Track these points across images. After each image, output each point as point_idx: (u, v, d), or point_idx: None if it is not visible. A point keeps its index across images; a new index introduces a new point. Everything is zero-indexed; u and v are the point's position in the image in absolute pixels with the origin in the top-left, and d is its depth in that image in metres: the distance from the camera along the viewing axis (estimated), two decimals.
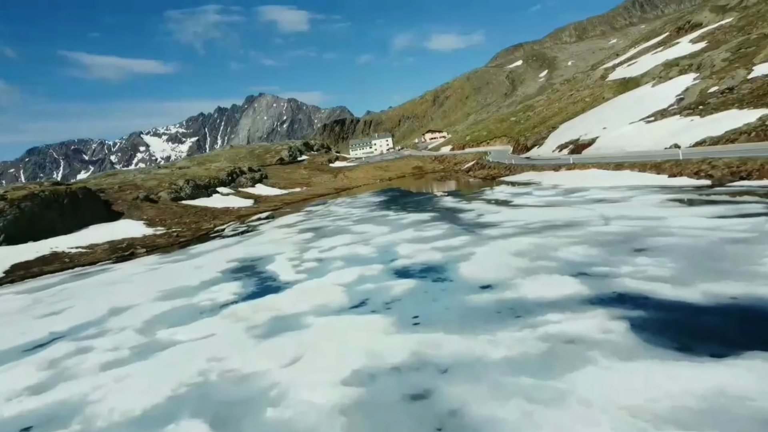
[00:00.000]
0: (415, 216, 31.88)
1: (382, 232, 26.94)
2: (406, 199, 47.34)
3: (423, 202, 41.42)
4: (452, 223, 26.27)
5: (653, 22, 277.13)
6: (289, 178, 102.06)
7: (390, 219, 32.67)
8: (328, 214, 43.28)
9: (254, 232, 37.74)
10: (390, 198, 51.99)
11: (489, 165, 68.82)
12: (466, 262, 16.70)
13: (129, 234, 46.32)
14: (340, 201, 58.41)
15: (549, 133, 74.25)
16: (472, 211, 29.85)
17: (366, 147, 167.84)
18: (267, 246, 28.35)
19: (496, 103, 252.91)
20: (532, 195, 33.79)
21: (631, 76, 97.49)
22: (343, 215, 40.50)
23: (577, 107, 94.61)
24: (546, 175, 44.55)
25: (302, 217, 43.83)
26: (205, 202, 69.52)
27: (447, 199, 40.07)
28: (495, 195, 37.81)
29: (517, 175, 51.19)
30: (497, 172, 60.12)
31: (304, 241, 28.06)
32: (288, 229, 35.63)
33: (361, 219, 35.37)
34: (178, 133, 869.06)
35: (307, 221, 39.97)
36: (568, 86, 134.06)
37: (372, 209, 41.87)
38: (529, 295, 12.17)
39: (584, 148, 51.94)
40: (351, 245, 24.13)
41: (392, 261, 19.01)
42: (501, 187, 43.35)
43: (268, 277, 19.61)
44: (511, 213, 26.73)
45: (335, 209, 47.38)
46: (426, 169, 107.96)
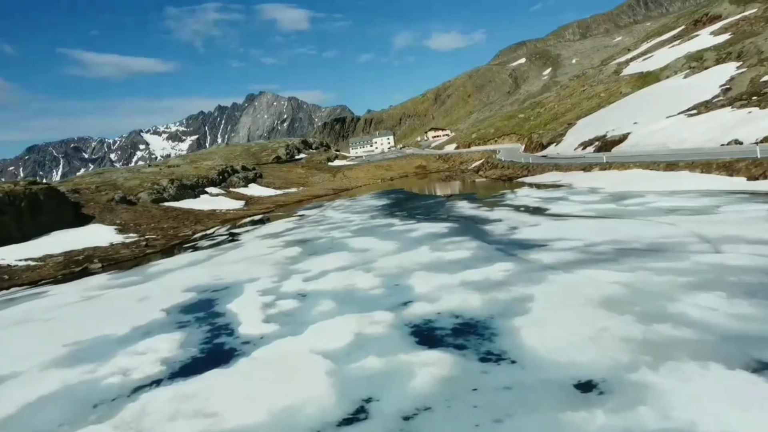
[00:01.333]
0: (427, 227, 25.67)
1: (387, 251, 20.72)
2: (412, 203, 41.15)
3: (434, 208, 35.21)
4: (480, 240, 20.07)
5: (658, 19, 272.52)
6: (285, 178, 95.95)
7: (396, 230, 26.46)
8: (322, 221, 37.11)
9: (233, 243, 31.52)
10: (394, 201, 45.80)
11: (501, 164, 62.61)
12: (527, 318, 10.49)
13: (94, 242, 40.13)
14: (338, 204, 52.22)
15: (566, 129, 68.09)
16: (500, 222, 23.66)
17: (366, 145, 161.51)
18: (240, 266, 22.13)
19: (498, 102, 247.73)
20: (570, 201, 27.59)
21: (649, 70, 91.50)
22: (339, 222, 34.34)
23: (591, 103, 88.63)
24: (575, 176, 38.40)
25: (293, 224, 37.63)
26: (191, 204, 63.42)
27: (463, 204, 33.86)
28: (520, 200, 31.63)
29: (539, 176, 45.04)
30: (513, 172, 53.95)
31: (287, 261, 21.84)
32: (273, 241, 29.42)
33: (360, 229, 29.18)
34: (178, 132, 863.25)
35: (297, 229, 33.78)
36: (578, 82, 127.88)
37: (373, 215, 35.72)
38: (697, 424, 5.97)
39: (614, 145, 45.78)
40: (347, 271, 17.91)
41: (405, 305, 12.78)
42: (524, 190, 37.17)
43: (223, 327, 13.38)
44: (556, 226, 20.53)
45: (331, 214, 41.20)
46: (430, 168, 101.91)
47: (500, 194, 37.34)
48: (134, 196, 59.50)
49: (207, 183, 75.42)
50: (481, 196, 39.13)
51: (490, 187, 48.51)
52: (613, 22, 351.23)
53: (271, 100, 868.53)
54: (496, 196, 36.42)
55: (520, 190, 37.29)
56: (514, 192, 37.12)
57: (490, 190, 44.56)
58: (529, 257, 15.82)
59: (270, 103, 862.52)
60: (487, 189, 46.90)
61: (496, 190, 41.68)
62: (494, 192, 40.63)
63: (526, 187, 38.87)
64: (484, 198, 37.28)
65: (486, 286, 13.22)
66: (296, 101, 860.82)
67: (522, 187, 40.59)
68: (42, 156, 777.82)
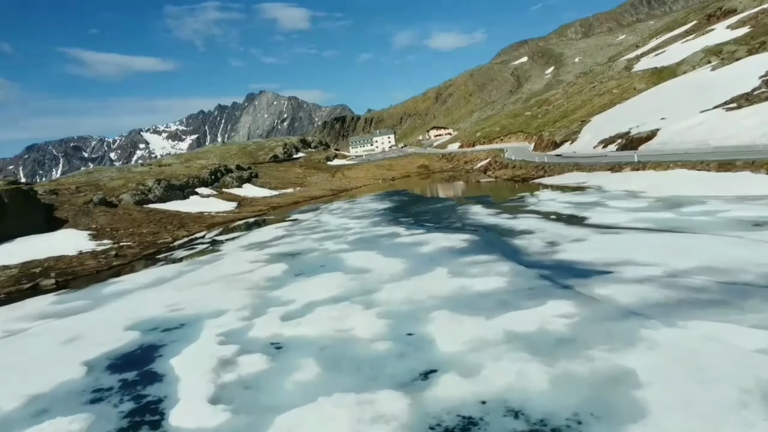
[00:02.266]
0: (440, 238, 21.16)
1: (393, 273, 16.19)
2: (418, 207, 36.64)
3: (444, 213, 30.67)
4: (512, 260, 15.57)
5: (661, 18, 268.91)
6: (281, 178, 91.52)
7: (402, 242, 21.95)
8: (317, 227, 32.61)
9: (211, 255, 26.96)
10: (397, 204, 41.30)
11: (512, 163, 58.07)
12: (645, 427, 6.00)
13: (61, 250, 35.65)
14: (336, 206, 47.70)
15: (581, 127, 63.57)
16: (531, 235, 19.13)
17: (367, 144, 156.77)
18: (209, 290, 17.61)
19: (500, 101, 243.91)
20: (609, 207, 23.06)
21: (664, 65, 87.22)
22: (335, 230, 29.83)
23: (603, 99, 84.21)
24: (603, 177, 33.90)
25: (283, 231, 33.10)
26: (178, 206, 58.98)
27: (478, 210, 29.32)
28: (546, 205, 27.10)
29: (558, 177, 40.53)
30: (526, 172, 49.43)
31: (266, 284, 17.29)
32: (256, 253, 24.87)
33: (360, 239, 24.66)
34: (178, 131, 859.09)
35: (287, 238, 29.25)
36: (587, 79, 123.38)
37: (375, 221, 31.23)
38: None
39: (641, 143, 41.27)
40: (340, 305, 13.37)
41: (426, 379, 8.25)
42: (546, 193, 32.66)
43: (150, 407, 8.86)
44: (609, 242, 15.99)
45: (327, 219, 36.67)
46: (433, 168, 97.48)
47: (519, 198, 32.81)
48: (116, 198, 55.05)
49: (198, 183, 71.01)
50: (498, 200, 34.58)
51: (503, 189, 43.99)
52: (616, 21, 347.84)
53: (271, 99, 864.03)
54: (515, 200, 31.89)
55: (542, 194, 32.80)
56: (534, 195, 32.61)
57: (505, 193, 40.06)
58: (594, 292, 11.30)
59: (270, 103, 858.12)
60: (500, 191, 42.39)
61: (513, 193, 37.18)
62: (511, 195, 36.15)
63: (548, 190, 34.37)
64: (502, 202, 32.75)
65: (547, 347, 8.70)
66: (296, 100, 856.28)
67: (542, 189, 36.09)
68: (42, 155, 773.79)
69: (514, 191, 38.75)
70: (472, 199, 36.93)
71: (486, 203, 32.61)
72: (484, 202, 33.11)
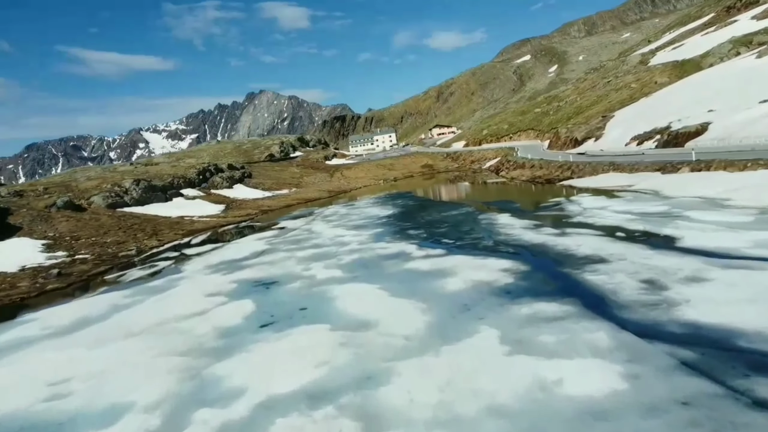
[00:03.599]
0: (469, 264, 15.12)
1: (409, 336, 10.09)
2: (429, 214, 30.52)
3: (463, 223, 24.56)
4: (602, 317, 9.49)
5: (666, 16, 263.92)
6: (276, 178, 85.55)
7: (416, 270, 15.87)
8: (305, 240, 26.52)
9: (165, 280, 20.82)
10: (403, 210, 35.19)
11: (529, 163, 51.96)
12: None
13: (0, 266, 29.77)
14: (332, 211, 41.59)
15: (603, 122, 57.46)
16: (606, 265, 13.05)
17: (367, 143, 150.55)
18: (125, 355, 11.53)
19: (503, 99, 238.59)
20: (694, 220, 16.95)
21: (686, 58, 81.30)
22: (328, 244, 23.78)
23: (622, 94, 78.31)
24: (652, 180, 27.84)
25: (264, 244, 26.98)
26: (157, 209, 53.07)
27: (506, 220, 23.21)
28: (596, 215, 21.00)
29: (592, 179, 34.47)
30: (548, 172, 43.33)
31: (212, 348, 11.17)
32: (221, 280, 18.80)
33: (357, 262, 18.60)
34: (178, 130, 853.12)
35: (266, 256, 23.16)
36: (599, 75, 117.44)
37: (377, 233, 25.19)
38: None
39: (688, 139, 35.17)
40: (319, 413, 7.37)
41: None
42: (586, 199, 26.51)
43: None
44: (754, 285, 9.97)
45: (320, 228, 30.55)
46: (438, 168, 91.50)
47: (554, 204, 26.68)
48: (85, 200, 49.13)
49: (184, 184, 65.11)
50: (527, 207, 28.42)
51: (526, 192, 37.89)
52: (619, 19, 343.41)
53: (272, 98, 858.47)
54: (550, 207, 25.76)
55: (581, 199, 26.67)
56: (572, 201, 26.51)
57: (531, 197, 34.00)
58: None
59: (270, 102, 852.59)
60: (525, 195, 36.31)
61: (542, 198, 31.13)
62: (540, 200, 30.08)
63: (587, 195, 28.23)
64: (534, 210, 26.56)
65: None
66: (296, 100, 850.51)
67: (576, 193, 29.97)
68: (41, 154, 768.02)
69: (543, 195, 32.70)
70: (494, 204, 30.81)
71: (514, 211, 26.46)
72: (510, 210, 26.96)
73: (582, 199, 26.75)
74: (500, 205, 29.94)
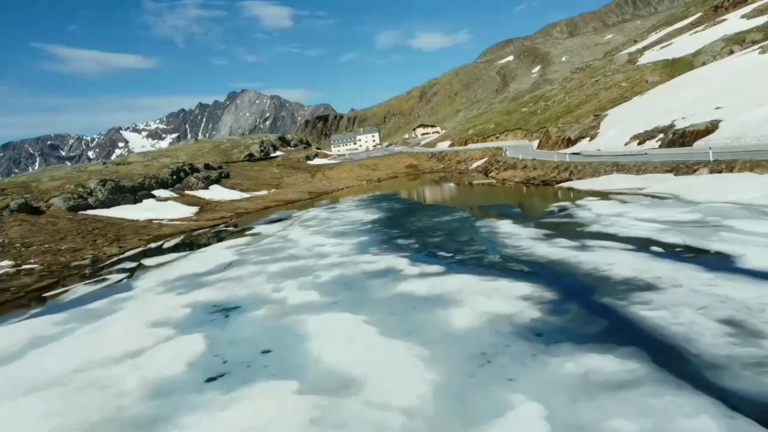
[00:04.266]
0: (476, 287, 12.08)
1: (410, 410, 7.04)
2: (419, 219, 27.41)
3: (460, 232, 21.51)
4: (703, 389, 6.54)
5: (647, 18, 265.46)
6: (255, 178, 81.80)
7: (412, 295, 12.74)
8: (279, 249, 23.25)
9: (108, 301, 17.35)
10: (389, 214, 32.07)
11: (521, 163, 49.21)
12: None
13: None
14: (312, 215, 38.29)
15: (597, 121, 55.05)
16: (657, 293, 10.13)
17: (350, 143, 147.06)
18: (13, 422, 8.31)
19: (486, 99, 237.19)
20: (743, 232, 14.14)
21: (675, 56, 79.77)
22: (305, 256, 20.57)
23: (612, 93, 76.29)
24: (667, 182, 25.16)
25: (233, 254, 23.62)
26: (125, 212, 49.28)
27: (509, 228, 20.23)
28: (614, 223, 18.14)
29: (593, 180, 31.73)
30: (544, 174, 40.57)
31: (137, 420, 8.04)
32: (173, 302, 15.47)
33: (338, 281, 15.44)
34: (158, 129, 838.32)
35: (232, 270, 19.86)
36: (585, 74, 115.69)
37: (361, 242, 22.05)
38: None
39: (698, 138, 32.67)
40: None
41: None
42: (597, 204, 23.67)
43: None
44: None
45: (297, 236, 27.26)
46: (423, 168, 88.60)
47: (558, 209, 23.81)
48: (44, 203, 45.19)
49: (156, 184, 61.22)
50: (528, 212, 25.50)
51: (522, 194, 35.05)
52: (601, 21, 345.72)
53: (254, 98, 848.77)
54: (557, 214, 22.85)
55: (589, 203, 23.83)
56: (578, 205, 23.67)
57: (529, 200, 31.18)
58: None
59: (252, 102, 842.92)
60: (521, 198, 33.42)
61: (543, 201, 28.29)
62: (541, 204, 27.24)
63: (593, 199, 25.38)
64: (538, 216, 23.56)
65: None
66: (279, 99, 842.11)
67: (580, 196, 27.13)
68: (18, 153, 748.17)
69: (543, 199, 29.85)
70: (491, 209, 27.82)
71: (515, 217, 23.50)
72: (511, 215, 23.98)
73: (590, 203, 23.89)
74: (498, 209, 26.96)
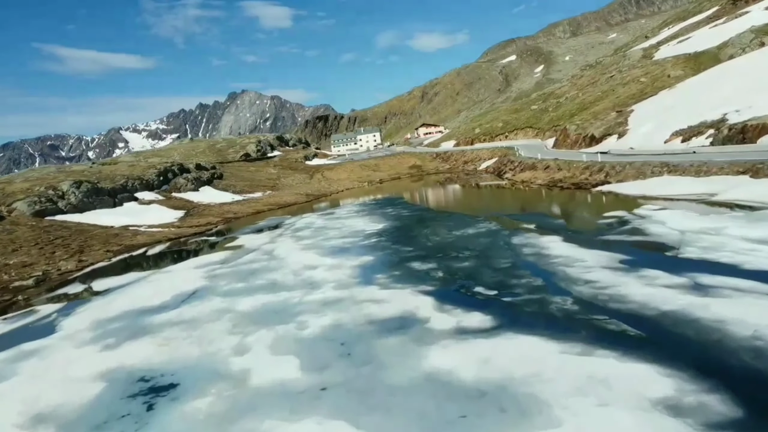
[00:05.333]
0: (566, 378, 7.04)
1: None
2: (433, 232, 22.16)
3: (491, 252, 16.24)
4: None
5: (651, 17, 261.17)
6: (250, 179, 76.43)
7: (448, 381, 7.62)
8: (261, 271, 18.08)
9: (3, 354, 12.32)
10: (397, 224, 26.86)
11: (542, 164, 43.89)
12: None
13: None
14: (306, 222, 33.10)
15: (623, 117, 49.83)
16: None
17: (350, 142, 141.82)
18: None
19: (489, 99, 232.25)
20: None
21: (699, 50, 74.45)
22: (290, 283, 15.37)
23: (631, 89, 70.98)
24: (747, 186, 20.00)
25: (201, 279, 18.40)
26: (101, 217, 44.17)
27: (561, 249, 14.96)
28: (721, 245, 12.96)
29: (638, 183, 26.54)
30: (571, 175, 35.39)
31: None
32: (93, 363, 10.38)
33: (331, 335, 10.26)
34: (159, 130, 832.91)
35: (193, 303, 14.68)
36: (597, 70, 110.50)
37: (364, 265, 16.83)
38: None
39: (763, 133, 27.46)
40: None
41: None
42: (666, 215, 18.43)
43: None
44: None
45: (285, 251, 22.05)
46: (427, 169, 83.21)
47: (616, 221, 18.59)
48: (5, 207, 40.11)
49: (141, 186, 56.08)
50: (578, 225, 20.24)
51: (554, 200, 29.74)
52: (604, 20, 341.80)
53: (254, 98, 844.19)
54: (616, 227, 17.62)
55: (656, 214, 18.64)
56: (639, 216, 18.49)
57: (567, 207, 25.86)
58: None
59: (252, 102, 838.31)
60: (556, 204, 28.06)
61: (587, 209, 23.12)
62: (586, 212, 22.07)
63: (657, 208, 20.17)
64: (592, 230, 18.25)
65: None
66: (279, 100, 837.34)
67: (635, 204, 21.92)
68: (17, 153, 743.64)
69: (585, 206, 24.68)
70: (524, 218, 22.57)
71: (561, 231, 18.26)
72: (555, 228, 18.77)
73: (656, 213, 18.69)
74: (533, 219, 21.74)
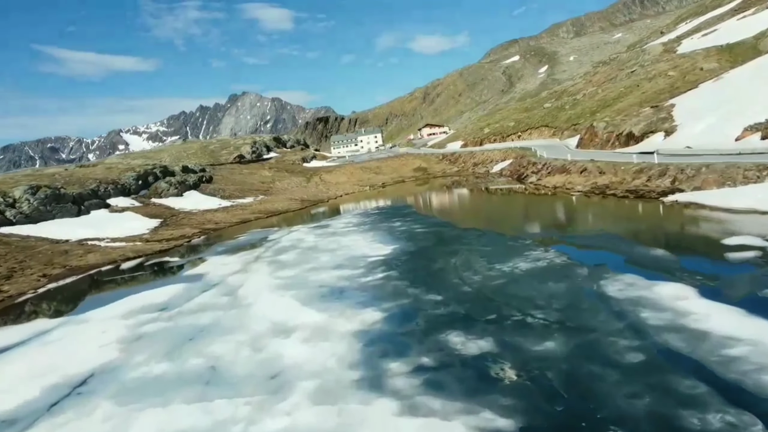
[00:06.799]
0: None
1: None
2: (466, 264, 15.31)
3: (576, 310, 9.66)
4: None
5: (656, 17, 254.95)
6: (242, 183, 69.47)
7: None
8: (204, 337, 11.44)
9: None
10: (410, 247, 20.12)
11: (574, 166, 37.12)
12: None
13: None
14: (293, 241, 26.35)
15: (665, 113, 43.22)
16: None
17: (351, 144, 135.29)
18: None
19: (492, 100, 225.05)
20: None
21: (730, 42, 68.17)
22: (240, 376, 8.84)
23: (658, 83, 64.41)
24: None
25: (112, 346, 11.77)
26: (54, 228, 37.67)
27: (715, 320, 8.58)
28: None
29: (728, 192, 20.10)
30: (620, 180, 28.75)
31: None
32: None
33: None
34: (159, 132, 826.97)
35: (63, 411, 8.22)
36: (611, 67, 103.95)
37: (369, 331, 10.24)
38: None
39: None
40: None
41: None
42: None
43: None
44: None
45: (255, 288, 15.39)
46: (433, 171, 76.34)
47: (747, 251, 12.01)
48: None
49: (116, 191, 49.44)
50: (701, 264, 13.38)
51: (618, 213, 23.06)
52: (608, 20, 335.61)
53: (254, 100, 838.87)
54: (755, 264, 11.06)
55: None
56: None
57: (651, 228, 19.14)
58: None
59: (253, 104, 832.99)
60: (624, 221, 21.36)
61: (688, 233, 16.46)
62: (689, 238, 15.42)
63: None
64: (732, 275, 11.65)
65: None
66: (280, 102, 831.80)
67: (752, 223, 15.32)
68: (18, 155, 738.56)
69: (678, 227, 17.97)
70: (593, 244, 15.84)
71: (683, 274, 11.51)
72: (668, 269, 12.03)
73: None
74: (610, 246, 14.96)
